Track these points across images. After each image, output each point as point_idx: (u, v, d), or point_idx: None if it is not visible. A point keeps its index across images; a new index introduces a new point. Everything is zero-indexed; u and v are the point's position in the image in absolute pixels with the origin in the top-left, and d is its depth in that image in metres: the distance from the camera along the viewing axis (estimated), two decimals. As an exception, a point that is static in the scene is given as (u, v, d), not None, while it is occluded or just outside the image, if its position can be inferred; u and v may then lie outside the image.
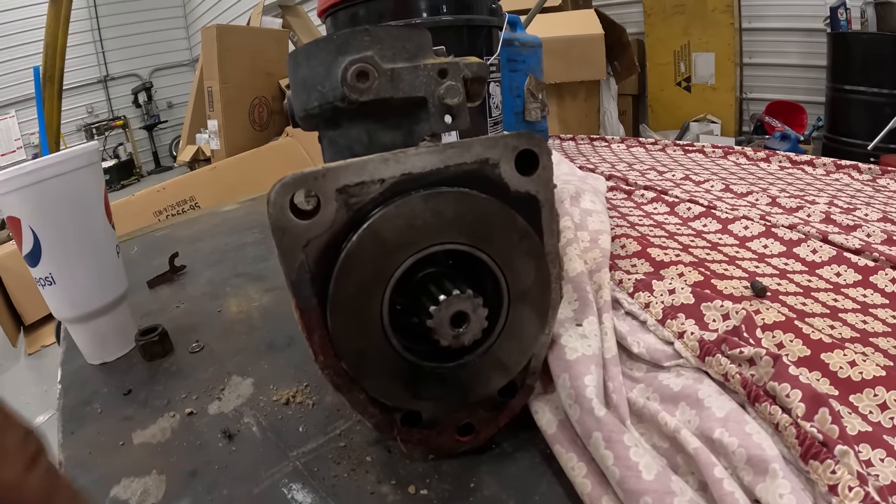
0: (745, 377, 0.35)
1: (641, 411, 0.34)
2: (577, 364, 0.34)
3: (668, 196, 0.82)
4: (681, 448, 0.31)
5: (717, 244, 0.66)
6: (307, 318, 0.29)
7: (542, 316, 0.32)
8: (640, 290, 0.48)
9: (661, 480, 0.28)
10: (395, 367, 0.30)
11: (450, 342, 0.28)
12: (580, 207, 0.58)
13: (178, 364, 0.51)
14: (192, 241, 0.89)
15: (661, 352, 0.40)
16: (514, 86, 1.14)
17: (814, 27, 3.18)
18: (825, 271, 0.58)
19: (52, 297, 0.51)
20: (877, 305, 0.51)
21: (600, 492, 0.29)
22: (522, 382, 0.34)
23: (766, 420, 0.33)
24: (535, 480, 0.33)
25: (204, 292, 0.67)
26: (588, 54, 2.60)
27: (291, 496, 0.33)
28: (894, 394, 0.36)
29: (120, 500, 0.35)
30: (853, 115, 2.83)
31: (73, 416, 0.45)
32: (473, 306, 0.28)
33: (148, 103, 6.26)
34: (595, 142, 1.35)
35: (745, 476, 0.29)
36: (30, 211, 0.47)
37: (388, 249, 0.28)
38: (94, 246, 0.51)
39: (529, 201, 0.30)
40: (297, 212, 0.28)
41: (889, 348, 0.43)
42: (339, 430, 0.39)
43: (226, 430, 0.40)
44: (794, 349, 0.42)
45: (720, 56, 3.34)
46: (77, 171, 0.49)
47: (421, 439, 0.34)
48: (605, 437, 0.30)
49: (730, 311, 0.43)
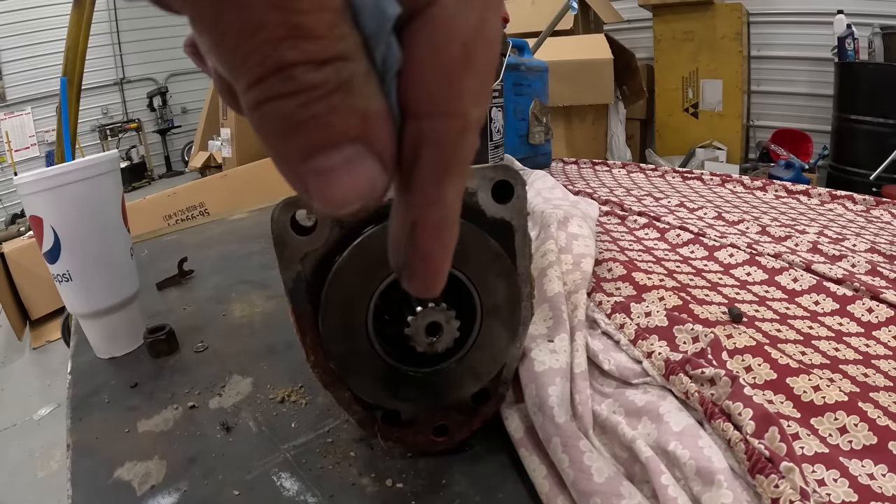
0: (703, 395, 0.37)
1: (605, 423, 0.37)
2: (544, 376, 0.37)
3: (660, 222, 0.84)
4: (637, 458, 0.34)
5: (701, 270, 0.68)
6: (301, 322, 0.33)
7: (513, 330, 0.35)
8: (617, 311, 0.50)
9: (611, 484, 0.31)
10: (378, 369, 0.33)
11: (425, 349, 0.31)
12: (567, 232, 0.61)
13: (182, 362, 0.54)
14: (200, 247, 0.92)
15: (630, 370, 0.43)
16: (519, 109, 1.16)
17: (822, 56, 3.21)
18: (804, 299, 0.59)
19: (67, 293, 0.54)
20: (851, 334, 0.52)
21: (556, 492, 0.32)
22: (495, 390, 0.38)
23: (720, 436, 0.35)
24: (502, 480, 0.36)
25: (210, 296, 0.70)
26: (597, 78, 2.64)
27: (280, 483, 0.37)
28: (854, 418, 0.38)
29: (123, 480, 0.38)
30: (858, 144, 2.84)
31: (81, 404, 0.48)
32: (446, 318, 0.31)
33: (162, 108, 6.31)
34: (597, 166, 1.37)
35: (695, 486, 0.32)
36: (52, 211, 0.50)
37: (374, 264, 0.31)
38: (109, 247, 0.54)
39: (504, 227, 0.33)
40: (296, 228, 0.31)
41: (858, 375, 0.45)
42: (328, 427, 0.42)
43: (224, 423, 0.43)
44: (761, 372, 0.44)
45: (728, 83, 3.36)
46: (98, 177, 0.52)
47: (400, 437, 0.37)
48: (562, 441, 0.33)
49: (699, 335, 0.46)
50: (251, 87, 0.13)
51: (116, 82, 6.17)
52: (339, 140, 0.13)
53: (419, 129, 0.14)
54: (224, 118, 3.05)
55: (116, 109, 6.21)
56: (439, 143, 0.14)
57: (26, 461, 1.82)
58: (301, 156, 0.13)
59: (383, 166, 0.14)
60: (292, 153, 0.13)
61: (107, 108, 6.13)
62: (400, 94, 0.14)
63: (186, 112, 6.57)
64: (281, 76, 0.12)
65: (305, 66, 0.12)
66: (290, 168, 0.14)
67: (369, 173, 0.14)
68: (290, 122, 0.13)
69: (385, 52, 0.14)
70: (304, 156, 0.13)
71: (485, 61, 0.15)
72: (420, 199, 0.15)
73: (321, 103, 0.13)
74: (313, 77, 0.12)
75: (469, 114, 0.15)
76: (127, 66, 6.19)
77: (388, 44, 0.14)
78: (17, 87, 5.41)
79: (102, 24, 5.73)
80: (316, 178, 0.13)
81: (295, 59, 0.12)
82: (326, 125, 0.13)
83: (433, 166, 0.15)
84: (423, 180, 0.15)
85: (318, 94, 0.13)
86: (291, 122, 0.13)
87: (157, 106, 6.29)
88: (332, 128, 0.13)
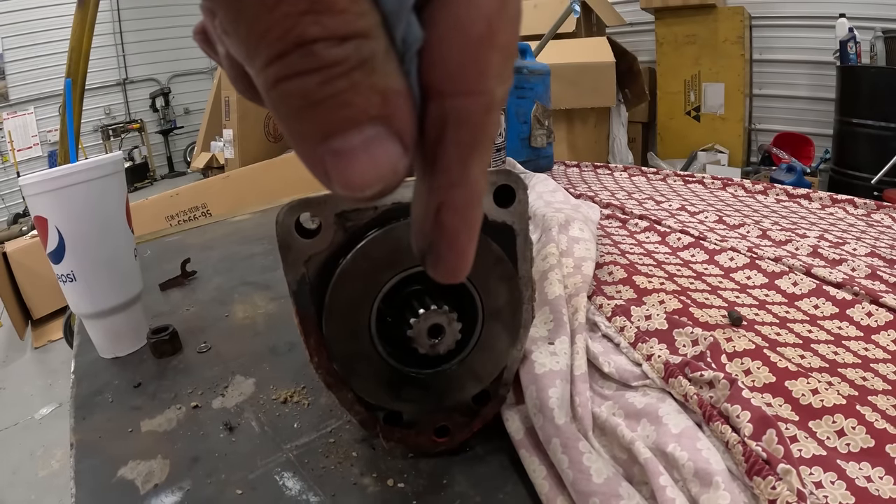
0: (702, 398, 0.38)
1: (604, 425, 0.38)
2: (544, 378, 0.38)
3: (661, 226, 0.84)
4: (636, 459, 0.34)
5: (702, 274, 0.69)
6: (305, 323, 0.33)
7: (514, 333, 0.36)
8: (617, 314, 0.51)
9: (610, 484, 0.31)
10: (380, 370, 0.34)
11: (427, 350, 0.32)
12: (568, 235, 0.62)
13: (185, 362, 0.54)
14: (203, 248, 0.92)
15: (630, 372, 0.43)
16: (521, 112, 1.16)
17: (823, 60, 3.21)
18: (804, 303, 0.59)
19: (71, 293, 0.54)
20: (850, 337, 0.52)
21: (556, 492, 0.33)
22: (495, 392, 0.38)
23: (719, 438, 0.35)
24: (502, 481, 0.36)
25: (213, 297, 0.70)
26: (599, 81, 2.65)
27: (283, 483, 0.37)
28: (852, 421, 0.38)
29: (126, 479, 0.38)
30: (860, 148, 2.83)
31: (85, 403, 0.49)
32: (448, 320, 0.31)
33: (165, 108, 6.32)
34: (598, 169, 1.37)
35: (693, 487, 0.32)
36: (57, 212, 0.51)
37: (377, 268, 0.32)
38: (113, 248, 0.55)
39: (506, 230, 0.34)
40: (301, 231, 0.31)
41: (856, 378, 0.45)
42: (330, 428, 0.42)
43: (227, 423, 0.43)
44: (760, 375, 0.44)
45: (730, 86, 3.36)
46: (103, 178, 0.52)
47: (401, 438, 0.37)
48: (562, 442, 0.33)
49: (699, 338, 0.46)
50: (270, 64, 0.12)
51: (119, 83, 6.18)
52: (360, 119, 0.13)
53: (443, 109, 0.14)
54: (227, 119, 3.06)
55: (119, 110, 6.22)
56: (464, 121, 0.14)
57: (27, 460, 1.82)
58: (320, 136, 0.13)
59: (404, 148, 0.14)
60: (311, 133, 0.13)
61: (109, 109, 6.13)
62: (421, 73, 0.14)
63: (189, 113, 6.58)
64: (301, 51, 0.12)
65: (327, 41, 0.12)
66: (308, 149, 0.13)
67: (390, 155, 0.13)
68: (309, 101, 0.13)
69: (405, 31, 0.14)
70: (323, 136, 0.13)
71: (508, 38, 0.14)
72: (445, 180, 0.15)
73: (342, 80, 0.12)
74: (335, 53, 0.12)
75: (494, 91, 0.14)
76: (130, 66, 6.20)
77: (409, 22, 0.14)
78: (20, 87, 5.42)
79: (106, 25, 5.74)
80: (335, 160, 0.13)
81: (317, 35, 0.12)
82: (346, 104, 0.13)
83: (458, 146, 0.15)
84: (448, 161, 0.15)
85: (339, 72, 0.12)
86: (310, 100, 0.13)
87: (160, 106, 6.30)
88: (353, 106, 0.13)
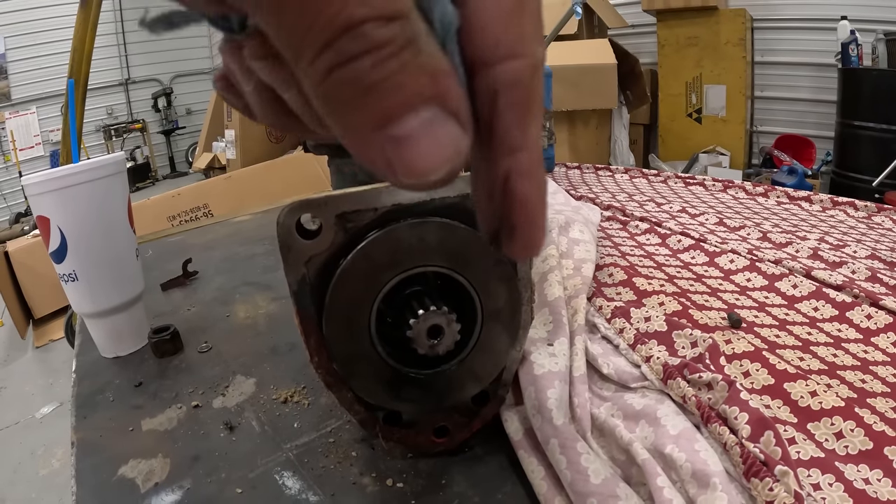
0: (700, 400, 0.38)
1: (603, 426, 0.38)
2: (543, 378, 0.38)
3: (662, 228, 0.84)
4: (634, 460, 0.35)
5: (702, 276, 0.69)
6: (306, 323, 0.33)
7: (513, 334, 0.36)
8: (617, 316, 0.51)
9: (608, 485, 0.31)
10: (380, 370, 0.34)
11: (426, 351, 0.32)
12: (568, 237, 0.62)
13: (186, 362, 0.54)
14: (205, 248, 0.93)
15: (629, 374, 0.43)
16: (522, 113, 1.17)
17: (825, 62, 3.20)
18: (803, 306, 0.59)
19: (73, 293, 0.54)
20: (849, 340, 0.52)
21: (554, 493, 0.33)
22: (494, 393, 0.38)
23: (717, 439, 0.36)
24: (501, 482, 0.36)
25: (214, 297, 0.70)
26: (601, 83, 2.64)
27: (282, 482, 0.37)
28: (851, 423, 0.38)
29: (127, 478, 0.38)
30: (861, 150, 2.82)
31: (86, 402, 0.49)
32: (447, 321, 0.32)
33: (167, 108, 6.34)
34: (600, 171, 1.37)
35: (691, 489, 0.32)
36: (59, 212, 0.51)
37: (377, 269, 0.32)
38: (115, 247, 0.55)
39: (506, 231, 0.34)
40: (302, 232, 0.32)
41: (855, 381, 0.45)
42: (330, 427, 0.43)
43: (227, 423, 0.43)
44: (758, 377, 0.44)
45: (731, 89, 3.35)
46: (105, 178, 0.53)
47: (401, 438, 0.37)
48: (560, 443, 0.33)
49: (698, 340, 0.46)
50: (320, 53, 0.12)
51: (121, 83, 6.20)
52: (415, 102, 0.13)
53: (492, 77, 0.15)
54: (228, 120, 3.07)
55: (121, 110, 6.24)
56: (516, 83, 0.15)
57: (28, 459, 1.83)
58: (377, 124, 0.13)
59: (462, 127, 0.14)
60: (367, 123, 0.13)
61: (111, 109, 6.16)
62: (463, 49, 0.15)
63: (191, 113, 6.60)
64: (351, 34, 0.12)
65: (375, 21, 0.12)
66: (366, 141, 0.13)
67: (451, 135, 0.13)
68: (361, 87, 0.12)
69: (441, 12, 0.14)
70: (381, 124, 0.13)
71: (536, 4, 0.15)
72: (507, 147, 0.15)
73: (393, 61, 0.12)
74: (384, 33, 0.12)
75: (536, 53, 0.15)
76: (132, 66, 6.22)
77: (444, 3, 0.14)
78: (23, 87, 5.44)
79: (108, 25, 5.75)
80: (396, 148, 0.13)
81: (365, 15, 0.12)
82: (400, 86, 0.13)
83: (514, 109, 0.15)
84: (507, 126, 0.15)
85: (389, 52, 0.12)
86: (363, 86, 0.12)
87: (162, 107, 6.32)
88: (406, 88, 0.13)
